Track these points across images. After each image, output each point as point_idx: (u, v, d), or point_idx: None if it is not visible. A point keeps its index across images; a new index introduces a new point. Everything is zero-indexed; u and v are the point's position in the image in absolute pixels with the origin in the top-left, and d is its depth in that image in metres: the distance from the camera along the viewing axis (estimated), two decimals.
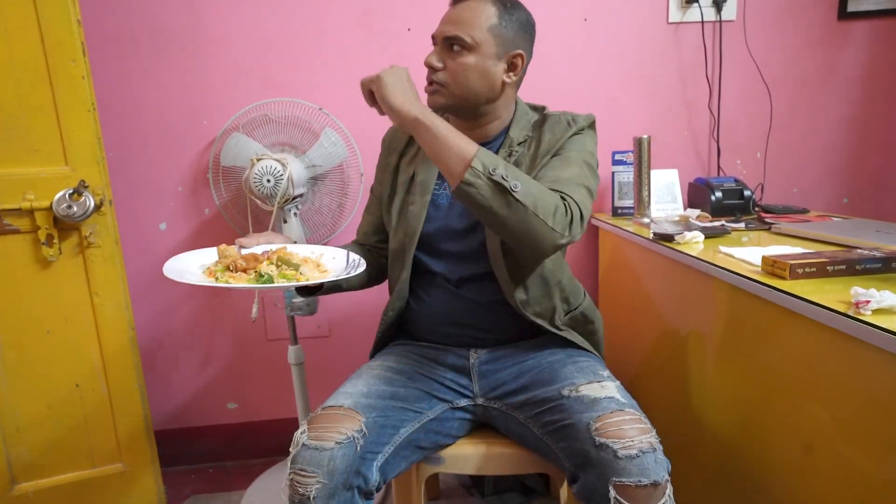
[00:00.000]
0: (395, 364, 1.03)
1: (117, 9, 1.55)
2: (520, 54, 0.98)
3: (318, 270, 0.96)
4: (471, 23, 0.93)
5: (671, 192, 1.67)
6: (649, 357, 1.41)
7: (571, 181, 0.91)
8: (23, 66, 1.19)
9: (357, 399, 0.91)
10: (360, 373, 1.01)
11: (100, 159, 1.27)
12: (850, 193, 1.86)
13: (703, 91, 1.76)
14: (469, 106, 0.98)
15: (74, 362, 1.34)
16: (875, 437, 0.71)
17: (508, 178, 0.81)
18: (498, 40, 0.95)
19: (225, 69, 1.62)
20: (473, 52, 0.94)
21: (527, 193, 0.82)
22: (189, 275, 0.88)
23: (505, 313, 1.03)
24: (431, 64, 0.96)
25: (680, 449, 1.17)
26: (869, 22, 1.75)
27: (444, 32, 0.95)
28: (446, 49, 0.95)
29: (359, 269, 0.94)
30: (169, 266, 0.88)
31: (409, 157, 1.10)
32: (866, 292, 0.73)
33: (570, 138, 0.99)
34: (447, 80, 0.96)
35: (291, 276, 0.89)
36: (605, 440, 0.79)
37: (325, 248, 1.04)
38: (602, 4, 1.69)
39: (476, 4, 0.95)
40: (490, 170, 0.81)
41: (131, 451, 1.41)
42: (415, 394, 0.98)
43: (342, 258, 1.02)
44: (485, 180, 0.81)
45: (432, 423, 0.98)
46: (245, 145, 1.50)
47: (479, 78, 0.95)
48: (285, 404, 1.79)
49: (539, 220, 0.82)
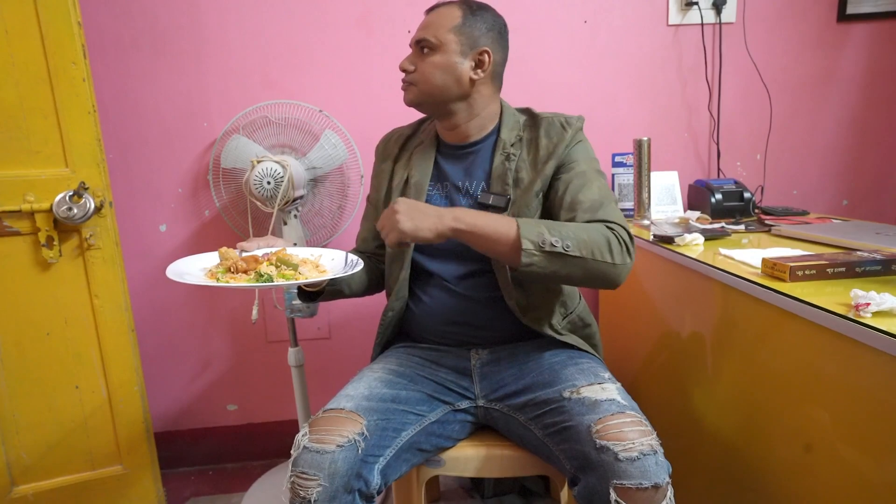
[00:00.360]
0: (396, 367, 1.03)
1: (118, 11, 1.56)
2: (485, 51, 1.01)
3: (317, 271, 0.96)
4: (437, 25, 1.01)
5: (671, 194, 1.67)
6: (650, 359, 1.41)
7: (602, 203, 0.95)
8: (23, 68, 1.19)
9: (359, 402, 0.91)
10: (361, 375, 1.01)
11: (100, 161, 1.27)
12: (849, 195, 1.86)
13: (703, 93, 1.76)
14: (439, 101, 1.02)
15: (74, 364, 1.34)
16: (876, 439, 0.71)
17: (558, 242, 0.85)
18: (462, 39, 1.00)
19: (225, 71, 1.62)
20: (438, 52, 1.00)
21: (579, 244, 0.86)
22: (190, 276, 0.90)
23: (503, 310, 1.03)
24: (405, 67, 1.03)
25: (681, 451, 1.17)
26: (868, 24, 1.75)
27: (415, 36, 1.03)
28: (417, 52, 1.03)
29: (356, 267, 0.95)
30: (171, 269, 0.89)
31: (403, 161, 1.12)
32: (866, 295, 0.74)
33: (572, 148, 1.01)
34: (417, 78, 1.02)
35: (290, 276, 0.90)
36: (605, 442, 0.79)
37: (324, 249, 1.05)
38: (602, 6, 1.70)
39: (444, 9, 1.02)
40: (540, 243, 0.85)
41: (131, 453, 1.41)
42: (416, 396, 0.98)
43: (341, 259, 1.03)
44: (539, 255, 0.85)
45: (434, 426, 0.98)
46: (245, 147, 1.50)
47: (443, 74, 1.00)
48: (285, 406, 1.79)
49: (599, 262, 0.87)
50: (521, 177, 1.02)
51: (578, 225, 0.90)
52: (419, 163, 1.09)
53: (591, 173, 1.00)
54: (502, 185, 1.02)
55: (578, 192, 0.96)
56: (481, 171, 1.05)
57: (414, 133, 1.16)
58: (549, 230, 0.86)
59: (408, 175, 1.09)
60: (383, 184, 1.14)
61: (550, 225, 0.88)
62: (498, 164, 1.03)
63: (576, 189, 0.97)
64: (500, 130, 1.06)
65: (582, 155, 1.02)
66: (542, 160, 1.01)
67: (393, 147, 1.15)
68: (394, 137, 1.17)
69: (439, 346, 1.08)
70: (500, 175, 1.02)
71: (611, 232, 0.89)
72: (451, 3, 1.04)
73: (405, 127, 1.19)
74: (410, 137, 1.16)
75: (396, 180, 1.11)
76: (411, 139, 1.16)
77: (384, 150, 1.17)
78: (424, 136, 1.13)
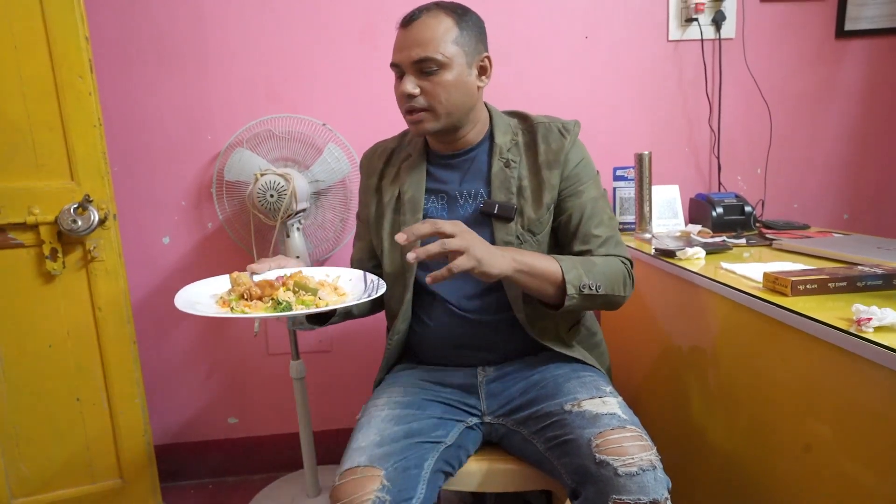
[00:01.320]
0: (401, 397, 0.99)
1: (125, 25, 1.58)
2: (487, 56, 0.98)
3: (336, 294, 0.92)
4: (435, 39, 0.92)
5: (672, 208, 1.68)
6: (652, 372, 1.41)
7: (614, 236, 1.01)
8: (31, 82, 1.21)
9: (371, 452, 0.86)
10: (368, 417, 0.96)
11: (105, 174, 1.28)
12: (850, 209, 1.86)
13: (704, 107, 1.77)
14: (456, 122, 0.98)
15: (76, 377, 1.34)
16: (878, 453, 0.71)
17: (594, 285, 0.92)
18: (465, 49, 0.95)
19: (230, 85, 1.64)
20: (448, 69, 0.93)
21: (605, 284, 0.93)
22: (201, 306, 0.85)
23: (510, 330, 1.02)
24: (409, 92, 0.93)
25: (681, 465, 1.16)
26: (866, 40, 1.77)
27: (411, 56, 0.92)
28: (417, 73, 0.93)
29: (379, 290, 0.89)
30: (180, 298, 0.85)
31: (389, 177, 1.09)
32: (868, 309, 0.74)
33: (577, 168, 1.00)
34: (431, 103, 0.94)
35: (310, 302, 0.85)
36: (605, 457, 0.79)
37: (339, 269, 1.01)
38: (603, 22, 1.72)
39: (432, 21, 0.93)
40: (580, 287, 0.91)
41: (131, 467, 1.40)
42: (429, 424, 0.94)
43: (358, 279, 0.98)
44: (578, 297, 0.91)
45: (452, 449, 0.95)
46: (249, 160, 1.51)
47: (458, 92, 0.95)
48: (286, 419, 1.78)
49: (615, 296, 0.96)
50: (524, 185, 1.00)
51: (603, 263, 0.96)
52: (410, 177, 1.05)
53: (601, 201, 1.02)
54: (506, 193, 0.99)
55: (592, 226, 0.99)
56: (479, 177, 1.02)
57: (398, 145, 1.12)
58: (585, 272, 0.92)
59: (399, 191, 1.05)
60: (371, 201, 1.10)
61: (583, 265, 0.93)
62: (497, 170, 1.01)
63: (589, 220, 1.00)
64: (494, 135, 1.03)
65: (588, 175, 1.02)
66: (542, 167, 1.00)
67: (377, 162, 1.11)
68: (377, 152, 1.13)
69: (445, 366, 1.06)
70: (502, 182, 1.00)
71: (624, 268, 0.98)
72: (435, 12, 0.94)
73: (388, 140, 1.14)
74: (395, 150, 1.11)
75: (387, 197, 1.07)
76: (396, 152, 1.11)
77: (368, 166, 1.13)
78: (411, 148, 1.08)
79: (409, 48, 0.93)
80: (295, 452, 1.58)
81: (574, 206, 1.00)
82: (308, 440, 1.50)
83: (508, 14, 1.68)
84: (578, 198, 1.00)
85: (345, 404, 1.78)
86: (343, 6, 1.64)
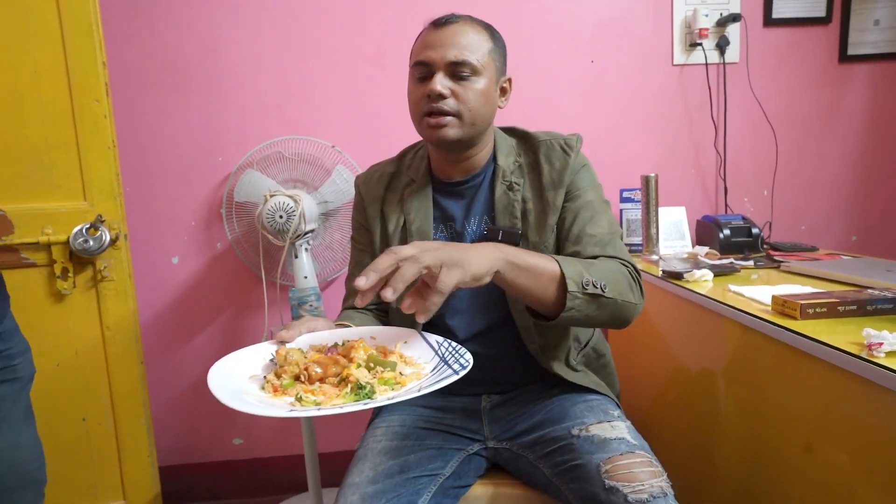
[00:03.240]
0: (399, 427, 0.96)
1: (142, 49, 1.62)
2: (509, 79, 0.97)
3: (403, 362, 0.80)
4: (474, 47, 0.89)
5: (679, 230, 1.68)
6: (660, 396, 1.39)
7: (611, 238, 0.92)
8: (49, 106, 1.24)
9: (364, 490, 0.83)
10: (364, 449, 0.93)
11: (117, 195, 1.30)
12: (858, 231, 1.86)
13: (709, 130, 1.78)
14: (476, 137, 0.93)
15: (83, 396, 1.34)
16: (890, 478, 0.70)
17: (598, 283, 0.81)
18: (496, 65, 0.93)
19: (241, 108, 1.67)
20: (482, 77, 0.90)
21: (610, 285, 0.82)
22: (250, 397, 0.71)
23: (519, 362, 1.00)
24: (440, 91, 0.87)
25: (692, 491, 1.14)
26: (869, 65, 1.78)
27: (446, 56, 0.87)
28: (450, 75, 0.89)
29: (466, 363, 0.74)
30: (216, 382, 0.72)
31: (391, 203, 1.03)
32: (879, 334, 0.73)
33: (577, 174, 0.97)
34: (461, 108, 0.89)
35: (391, 381, 0.72)
36: (615, 483, 0.77)
37: (378, 328, 0.91)
38: (608, 47, 1.74)
39: (470, 28, 0.90)
40: (583, 283, 0.80)
41: (134, 488, 1.39)
42: (427, 455, 0.91)
43: (415, 339, 0.86)
44: (581, 297, 0.80)
45: (450, 480, 0.92)
46: (259, 182, 1.53)
47: (487, 105, 0.91)
48: (292, 441, 1.77)
49: (624, 302, 0.84)
50: (528, 208, 0.96)
51: (601, 262, 0.86)
52: (417, 206, 1.00)
53: (599, 204, 0.96)
54: (510, 217, 0.96)
55: (587, 225, 0.92)
56: (482, 205, 0.99)
57: (397, 170, 1.06)
58: (585, 269, 0.81)
59: (405, 220, 1.00)
60: (376, 228, 1.03)
61: (581, 263, 0.83)
62: (501, 194, 0.97)
63: (584, 221, 0.93)
64: (497, 157, 0.99)
65: (588, 182, 0.97)
66: (547, 187, 0.96)
67: (377, 187, 1.04)
68: (375, 176, 1.06)
69: (450, 396, 1.04)
70: (506, 207, 0.96)
71: (626, 269, 0.88)
72: (471, 22, 0.92)
73: (385, 164, 1.08)
74: (394, 175, 1.05)
75: (392, 226, 1.01)
76: (396, 177, 1.05)
77: (369, 191, 1.05)
78: (413, 173, 1.03)
79: (444, 47, 0.88)
80: (300, 474, 1.57)
81: (569, 209, 0.95)
82: (313, 462, 1.48)
83: (515, 38, 1.70)
84: (574, 201, 0.95)
85: (351, 426, 1.77)
86: (352, 32, 1.67)
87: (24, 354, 0.97)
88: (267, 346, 0.83)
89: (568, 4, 1.72)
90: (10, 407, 0.92)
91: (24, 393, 0.96)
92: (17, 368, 0.94)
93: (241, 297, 1.72)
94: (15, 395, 0.93)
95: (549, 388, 1.01)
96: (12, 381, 0.93)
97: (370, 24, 1.68)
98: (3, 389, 0.91)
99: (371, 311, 1.07)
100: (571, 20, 1.73)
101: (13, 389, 0.93)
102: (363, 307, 0.99)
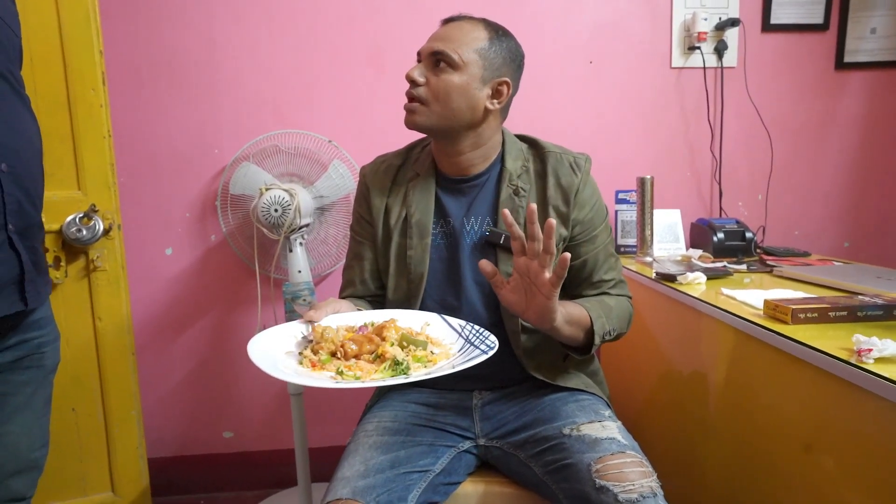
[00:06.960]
0: (391, 423, 0.97)
1: (139, 42, 1.61)
2: (506, 82, 0.96)
3: (432, 343, 0.84)
4: (459, 41, 0.93)
5: (673, 232, 1.68)
6: (651, 397, 1.40)
7: (621, 277, 1.05)
8: (45, 94, 1.23)
9: (355, 484, 0.84)
10: (356, 443, 0.94)
11: (111, 185, 1.29)
12: (851, 238, 1.87)
13: (706, 134, 1.79)
14: (448, 128, 0.95)
15: (73, 387, 1.33)
16: (879, 484, 0.71)
17: (612, 330, 0.95)
18: (485, 63, 0.93)
19: (238, 101, 1.66)
20: (458, 71, 0.92)
21: (618, 326, 0.98)
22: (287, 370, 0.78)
23: (508, 362, 1.00)
24: (414, 78, 0.94)
25: (682, 492, 1.15)
26: (865, 72, 1.80)
27: (430, 48, 0.94)
28: (431, 65, 0.94)
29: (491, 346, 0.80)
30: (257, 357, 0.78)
31: (397, 196, 1.04)
32: (868, 340, 0.74)
33: (591, 209, 0.99)
34: (428, 96, 0.93)
35: (424, 359, 0.78)
36: (605, 483, 0.78)
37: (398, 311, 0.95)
38: (607, 49, 1.75)
39: (468, 25, 0.95)
40: (603, 336, 0.94)
41: (123, 480, 1.38)
42: (417, 451, 0.92)
43: (438, 323, 0.91)
44: (600, 343, 0.95)
45: (440, 476, 0.92)
46: (254, 175, 1.52)
47: (460, 98, 0.93)
48: (282, 435, 1.76)
49: (621, 334, 1.01)
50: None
51: (617, 305, 1.00)
52: (419, 199, 1.01)
53: (610, 244, 1.04)
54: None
55: (602, 272, 1.02)
56: (485, 206, 1.00)
57: (403, 162, 1.07)
58: (607, 319, 0.95)
59: (406, 212, 1.01)
60: (379, 220, 1.04)
61: (604, 310, 0.96)
62: (506, 198, 0.98)
63: (599, 265, 1.02)
64: (504, 160, 1.00)
65: (601, 219, 1.02)
66: (551, 200, 0.98)
67: (384, 178, 1.05)
68: (382, 168, 1.07)
69: (441, 391, 1.05)
70: (510, 211, 0.94)
71: (630, 308, 1.04)
72: (475, 20, 0.96)
73: (392, 155, 1.09)
74: (400, 168, 1.06)
75: (394, 218, 1.02)
76: (402, 170, 1.06)
77: (376, 182, 1.06)
78: (419, 167, 1.04)
79: (434, 40, 0.95)
80: (290, 469, 1.56)
81: (586, 252, 1.00)
82: (303, 457, 1.48)
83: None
84: (592, 244, 1.01)
85: (341, 421, 1.77)
86: (352, 31, 1.67)
87: (53, 343, 0.97)
88: (296, 325, 0.89)
89: (567, 6, 1.72)
90: (32, 394, 0.92)
91: (47, 381, 0.96)
92: (45, 356, 0.94)
93: (234, 290, 1.72)
94: (38, 383, 0.93)
95: (539, 388, 1.02)
96: (38, 369, 0.93)
97: (368, 20, 1.67)
98: (28, 375, 0.91)
99: (368, 300, 1.08)
100: (571, 21, 1.73)
101: (37, 377, 0.93)
102: (364, 294, 1.08)
